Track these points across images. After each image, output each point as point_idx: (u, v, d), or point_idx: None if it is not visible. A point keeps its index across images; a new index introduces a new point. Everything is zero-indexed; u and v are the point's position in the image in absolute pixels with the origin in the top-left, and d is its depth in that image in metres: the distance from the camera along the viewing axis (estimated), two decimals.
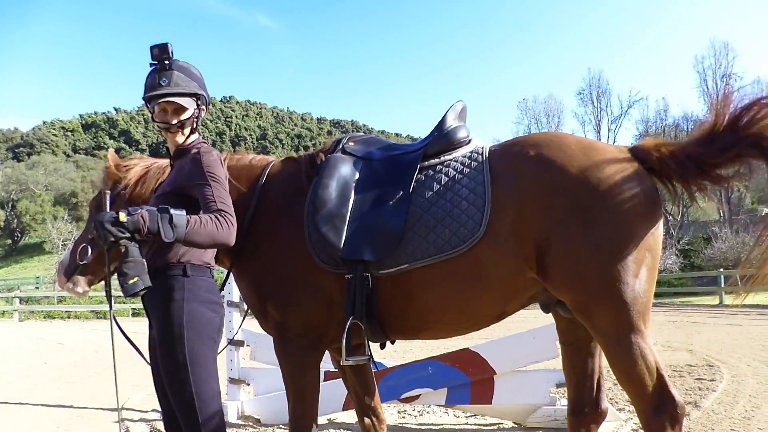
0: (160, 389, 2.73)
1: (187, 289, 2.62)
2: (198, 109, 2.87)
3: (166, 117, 2.80)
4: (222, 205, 2.54)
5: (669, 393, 2.53)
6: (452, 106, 3.19)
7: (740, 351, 9.36)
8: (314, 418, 2.98)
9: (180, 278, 2.63)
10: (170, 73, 2.76)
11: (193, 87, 2.81)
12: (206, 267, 2.74)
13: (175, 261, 2.64)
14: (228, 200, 2.60)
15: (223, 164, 2.79)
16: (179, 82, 2.77)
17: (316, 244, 2.90)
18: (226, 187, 2.66)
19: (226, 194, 2.62)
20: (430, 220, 2.79)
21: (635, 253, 2.55)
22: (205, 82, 2.95)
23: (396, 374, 5.20)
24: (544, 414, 5.01)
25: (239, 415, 5.91)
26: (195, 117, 2.85)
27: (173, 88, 2.75)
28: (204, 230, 2.41)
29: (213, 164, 2.67)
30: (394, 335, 3.02)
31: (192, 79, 2.82)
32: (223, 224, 2.47)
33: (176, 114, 2.79)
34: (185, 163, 2.74)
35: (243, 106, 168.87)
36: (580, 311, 2.64)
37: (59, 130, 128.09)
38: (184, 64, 2.84)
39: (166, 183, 2.81)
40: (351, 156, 3.13)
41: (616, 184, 2.60)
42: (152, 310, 2.68)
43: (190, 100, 2.80)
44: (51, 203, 73.37)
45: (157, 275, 2.63)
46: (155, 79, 2.76)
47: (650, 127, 50.72)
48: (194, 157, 2.72)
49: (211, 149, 2.79)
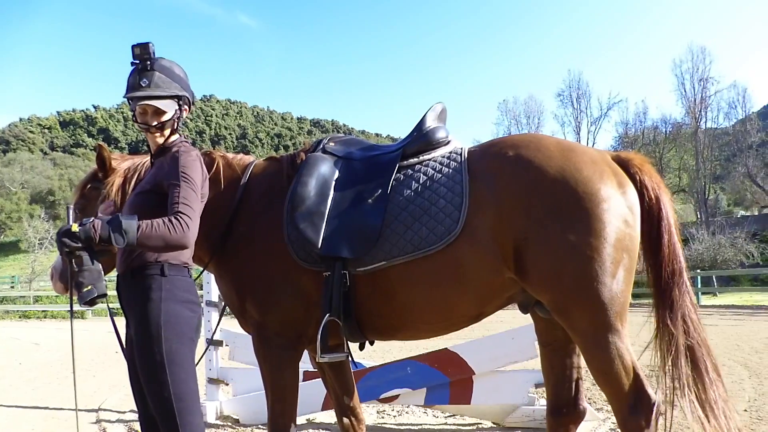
0: (137, 390, 2.70)
1: (165, 288, 2.60)
2: (179, 110, 2.84)
3: (146, 118, 2.77)
4: (183, 207, 2.51)
5: (645, 392, 2.56)
6: (432, 107, 3.21)
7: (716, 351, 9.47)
8: (293, 417, 2.98)
9: (158, 277, 2.61)
10: (151, 73, 2.73)
11: (173, 89, 2.78)
12: (184, 266, 2.73)
13: (152, 260, 2.61)
14: (193, 201, 2.56)
15: (202, 165, 2.77)
16: (160, 83, 2.74)
17: (294, 241, 2.90)
18: (196, 188, 2.62)
19: (193, 195, 2.58)
20: (408, 217, 2.80)
21: (612, 253, 2.57)
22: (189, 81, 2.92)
23: (375, 374, 5.20)
24: (523, 414, 5.04)
25: (218, 415, 5.87)
26: (176, 118, 2.82)
27: (153, 89, 2.72)
28: (156, 234, 2.41)
29: (189, 164, 2.65)
30: (371, 335, 3.02)
31: (173, 80, 2.79)
32: (176, 227, 2.44)
33: (156, 115, 2.77)
34: (165, 161, 2.73)
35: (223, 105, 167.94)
36: (557, 311, 2.66)
37: (36, 127, 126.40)
38: (167, 64, 2.80)
39: (146, 181, 2.79)
40: (331, 155, 3.14)
41: (594, 186, 2.63)
42: (129, 310, 2.66)
43: (169, 102, 2.77)
44: (27, 201, 72.45)
45: (134, 275, 2.62)
46: (136, 78, 2.73)
47: (629, 129, 51.31)
48: (173, 156, 2.70)
49: (191, 149, 2.77)
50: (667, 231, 2.78)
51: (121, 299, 2.71)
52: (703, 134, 46.10)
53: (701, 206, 45.56)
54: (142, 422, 2.73)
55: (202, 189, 2.73)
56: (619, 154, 2.92)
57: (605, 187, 2.65)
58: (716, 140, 47.33)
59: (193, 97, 2.93)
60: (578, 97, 52.91)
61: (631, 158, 2.88)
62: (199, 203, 2.63)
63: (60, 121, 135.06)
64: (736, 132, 46.67)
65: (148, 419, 2.69)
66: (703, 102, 46.11)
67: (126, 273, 2.66)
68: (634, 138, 49.75)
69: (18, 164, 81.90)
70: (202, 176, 2.73)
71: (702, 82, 45.95)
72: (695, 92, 46.14)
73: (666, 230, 2.78)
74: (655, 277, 2.80)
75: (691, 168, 47.54)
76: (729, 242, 29.13)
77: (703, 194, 45.67)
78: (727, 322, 14.93)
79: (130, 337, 2.68)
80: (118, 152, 3.69)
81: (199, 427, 2.58)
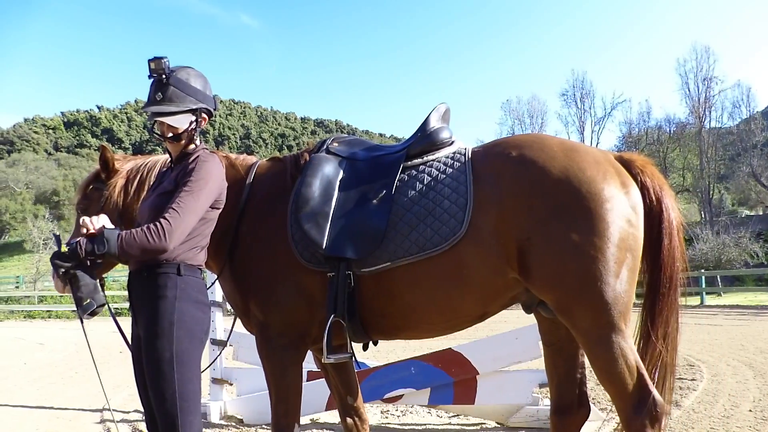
0: (142, 387, 2.71)
1: (180, 288, 2.62)
2: (196, 121, 2.86)
3: (163, 129, 2.82)
4: (169, 213, 2.54)
5: (649, 392, 2.56)
6: (436, 108, 3.21)
7: (720, 351, 9.48)
8: (297, 417, 2.98)
9: (173, 276, 2.63)
10: (167, 87, 2.77)
11: (188, 102, 2.79)
12: (198, 267, 2.76)
13: (169, 259, 2.64)
14: (188, 208, 2.57)
15: (221, 172, 2.80)
16: (174, 98, 2.77)
17: (298, 242, 2.90)
18: (201, 195, 2.63)
19: (192, 202, 2.59)
20: (413, 218, 2.81)
21: (616, 253, 2.57)
22: (210, 87, 2.94)
23: (379, 374, 5.21)
24: (526, 414, 5.04)
25: (222, 415, 5.88)
26: (190, 130, 2.84)
27: (167, 104, 2.75)
28: (136, 244, 2.47)
29: (203, 173, 2.68)
30: (376, 335, 3.03)
31: (188, 94, 2.81)
32: (154, 234, 2.47)
33: (170, 128, 2.80)
34: (186, 166, 2.76)
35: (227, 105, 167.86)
36: (561, 311, 2.66)
37: (40, 128, 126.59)
38: (184, 77, 2.82)
39: (168, 182, 2.82)
40: (335, 156, 3.15)
41: (598, 186, 2.63)
42: (140, 307, 2.67)
43: (182, 117, 2.79)
44: (32, 201, 72.66)
45: (149, 272, 2.64)
46: (153, 92, 2.78)
47: (633, 129, 51.24)
48: (192, 163, 2.75)
49: (209, 157, 2.79)
50: (667, 233, 2.78)
51: (132, 296, 2.73)
52: (707, 134, 46.03)
53: (705, 206, 45.49)
54: (148, 421, 2.74)
55: (220, 196, 2.78)
56: (622, 154, 2.93)
57: (608, 187, 2.65)
58: (720, 140, 47.25)
59: (214, 104, 2.96)
60: (582, 97, 52.96)
61: (633, 159, 2.89)
62: (201, 209, 2.65)
63: (64, 121, 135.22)
64: (740, 131, 46.54)
65: (153, 417, 2.70)
66: (707, 101, 46.06)
67: (140, 270, 2.68)
68: (638, 138, 49.73)
69: (22, 165, 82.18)
70: (219, 184, 2.77)
71: (706, 82, 45.96)
72: (699, 92, 46.16)
73: (666, 232, 2.77)
74: (651, 278, 2.81)
75: (695, 168, 47.43)
76: (733, 242, 29.05)
77: (707, 194, 45.58)
78: (732, 322, 14.90)
79: (138, 335, 2.69)
80: (122, 153, 3.69)
81: (198, 427, 2.59)
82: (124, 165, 3.30)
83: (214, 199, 2.73)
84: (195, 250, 2.72)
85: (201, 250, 2.76)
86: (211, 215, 2.77)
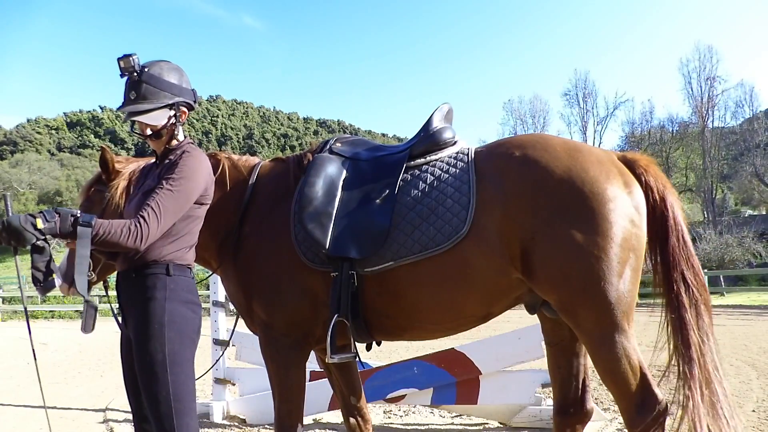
0: (131, 390, 2.70)
1: (169, 288, 2.59)
2: (174, 115, 2.80)
3: (141, 127, 2.77)
4: (147, 209, 2.48)
5: (652, 392, 2.56)
6: (438, 108, 3.22)
7: (723, 350, 9.43)
8: (300, 417, 2.99)
9: (162, 277, 2.60)
10: (140, 85, 2.70)
11: (163, 98, 2.73)
12: (188, 267, 2.73)
13: (157, 259, 2.61)
14: (167, 205, 2.53)
15: (206, 167, 2.74)
16: (147, 95, 2.70)
17: (302, 242, 2.90)
18: (182, 191, 2.58)
19: (171, 203, 2.54)
20: (416, 218, 2.81)
21: (619, 253, 2.57)
22: (188, 80, 2.87)
23: (382, 374, 5.21)
24: (529, 414, 5.04)
25: (225, 415, 5.89)
26: (170, 125, 2.79)
27: (141, 102, 2.69)
28: (112, 239, 2.39)
29: (186, 168, 2.63)
30: (379, 335, 3.03)
31: (163, 89, 2.74)
32: (130, 231, 2.42)
33: (149, 126, 2.76)
34: (171, 162, 2.73)
35: (229, 105, 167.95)
36: (564, 311, 2.66)
37: (43, 128, 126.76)
38: (156, 72, 2.74)
39: (152, 179, 2.78)
40: (338, 156, 3.15)
41: (601, 185, 2.63)
42: (130, 308, 2.64)
43: (159, 113, 2.73)
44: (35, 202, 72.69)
45: (137, 273, 2.61)
46: (127, 91, 2.73)
47: (636, 128, 51.18)
48: (176, 158, 2.70)
49: (194, 152, 2.73)
50: (674, 232, 2.77)
51: (121, 297, 2.70)
52: (710, 133, 45.98)
53: (708, 205, 45.44)
54: (136, 422, 2.74)
55: (205, 191, 2.72)
56: (625, 154, 2.92)
57: (612, 186, 2.65)
58: (723, 139, 47.21)
59: (193, 97, 2.88)
60: (585, 97, 52.90)
61: (637, 159, 2.88)
62: (181, 209, 2.60)
63: (67, 122, 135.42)
64: (743, 131, 46.56)
65: (142, 419, 2.69)
66: (710, 101, 45.99)
67: (128, 271, 2.65)
68: (641, 137, 49.64)
69: (26, 165, 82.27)
70: (203, 179, 2.71)
71: (709, 81, 45.88)
72: (702, 91, 46.09)
73: (673, 231, 2.76)
74: (664, 279, 2.78)
75: (698, 167, 47.40)
76: (736, 242, 29.03)
77: (710, 193, 45.53)
78: (735, 322, 14.86)
79: (127, 337, 2.67)
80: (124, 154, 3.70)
81: (194, 428, 2.56)
82: (126, 167, 3.29)
83: (198, 195, 2.67)
84: (184, 250, 2.68)
85: (189, 249, 2.72)
86: (198, 212, 2.72)
